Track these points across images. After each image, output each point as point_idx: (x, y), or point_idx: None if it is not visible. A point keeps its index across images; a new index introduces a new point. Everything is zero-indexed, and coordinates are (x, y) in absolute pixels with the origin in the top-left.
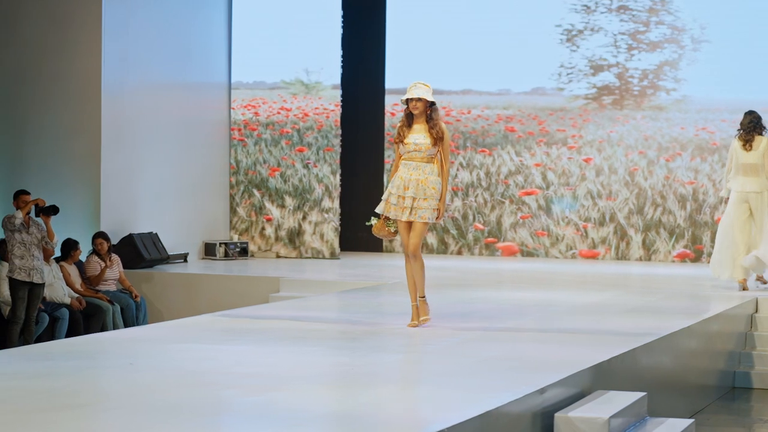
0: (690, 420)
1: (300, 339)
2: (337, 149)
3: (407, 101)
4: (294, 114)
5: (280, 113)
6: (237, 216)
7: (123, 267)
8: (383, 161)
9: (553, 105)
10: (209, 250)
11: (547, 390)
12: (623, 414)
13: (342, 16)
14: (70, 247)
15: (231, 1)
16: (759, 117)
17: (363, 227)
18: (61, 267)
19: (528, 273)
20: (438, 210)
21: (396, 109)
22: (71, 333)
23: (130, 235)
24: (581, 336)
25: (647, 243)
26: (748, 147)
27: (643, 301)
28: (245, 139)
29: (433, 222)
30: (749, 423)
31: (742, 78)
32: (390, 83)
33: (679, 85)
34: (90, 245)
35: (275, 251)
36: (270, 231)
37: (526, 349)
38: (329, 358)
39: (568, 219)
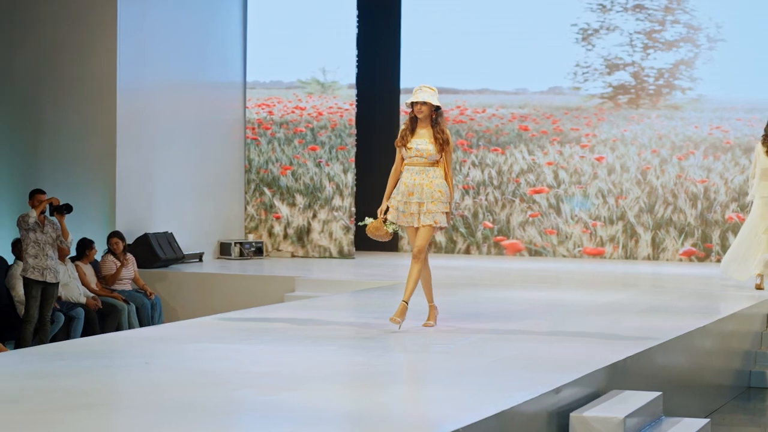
0: (705, 420)
1: (315, 338)
2: (350, 148)
3: (412, 105)
4: (308, 113)
5: (294, 112)
6: (247, 214)
7: (138, 267)
8: None
9: (569, 104)
10: (224, 249)
11: (563, 390)
12: (639, 414)
13: (357, 15)
14: (85, 247)
15: (246, 1)
16: None
17: None
18: (77, 266)
19: (536, 272)
20: (447, 214)
21: None
22: (87, 332)
23: (145, 235)
24: (595, 336)
25: (657, 241)
26: None
27: (657, 301)
28: (258, 138)
29: (443, 226)
30: (765, 423)
31: (758, 77)
32: (405, 82)
33: (695, 84)
34: (105, 245)
35: (283, 249)
36: (278, 229)
37: (540, 349)
38: (344, 357)
39: (577, 217)
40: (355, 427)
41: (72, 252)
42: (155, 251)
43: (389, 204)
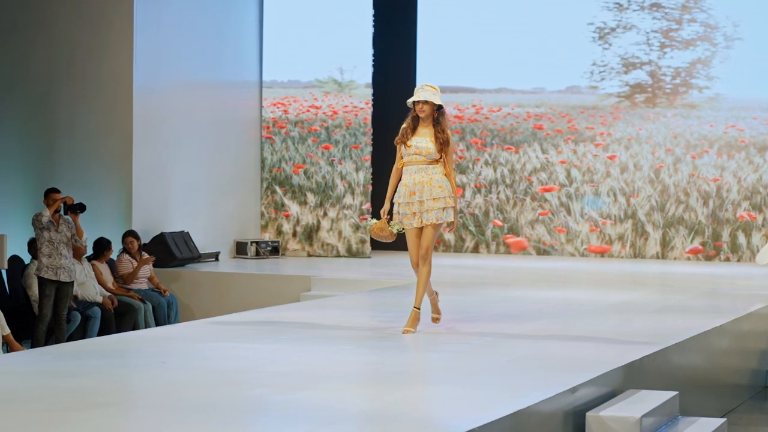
0: (722, 419)
1: (331, 338)
2: (364, 147)
3: (414, 104)
4: (323, 112)
5: (309, 111)
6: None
7: (154, 266)
8: None
9: (586, 103)
10: (240, 248)
11: (579, 389)
12: (655, 413)
13: (373, 14)
14: (103, 247)
15: (262, 0)
16: None
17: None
18: (93, 266)
19: (544, 271)
20: (453, 209)
21: None
22: (103, 332)
23: (161, 234)
24: (611, 335)
25: (666, 239)
26: None
27: (671, 301)
28: (273, 137)
29: (448, 222)
30: None
31: None
32: (421, 82)
33: (712, 83)
34: (120, 244)
35: (290, 247)
36: (287, 227)
37: (555, 349)
38: (360, 357)
39: (587, 215)
40: (371, 427)
41: (89, 251)
42: (171, 251)
43: (395, 201)
